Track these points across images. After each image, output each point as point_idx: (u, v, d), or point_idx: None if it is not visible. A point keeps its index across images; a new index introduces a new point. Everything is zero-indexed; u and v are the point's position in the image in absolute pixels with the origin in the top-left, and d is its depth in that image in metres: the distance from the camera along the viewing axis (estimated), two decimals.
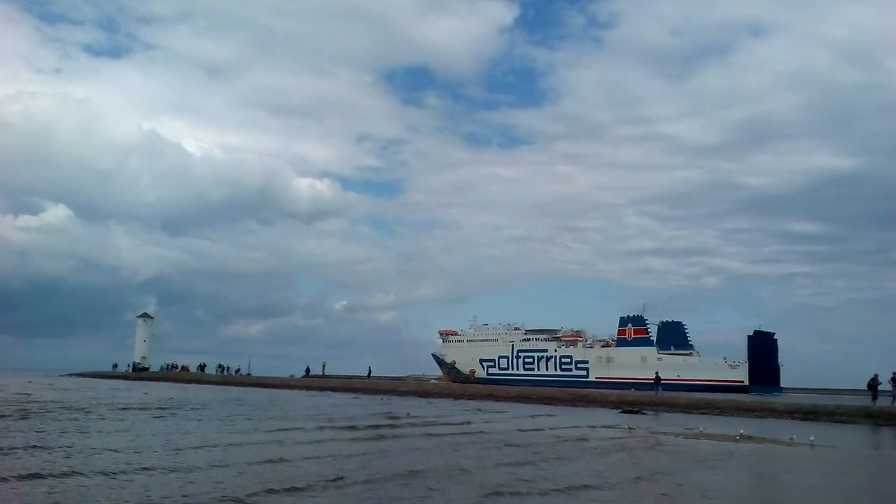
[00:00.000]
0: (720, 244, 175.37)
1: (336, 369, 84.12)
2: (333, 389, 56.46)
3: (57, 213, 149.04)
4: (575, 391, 49.68)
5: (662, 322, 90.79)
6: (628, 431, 23.02)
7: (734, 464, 15.59)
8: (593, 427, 24.09)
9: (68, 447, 14.35)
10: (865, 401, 36.96)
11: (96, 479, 10.75)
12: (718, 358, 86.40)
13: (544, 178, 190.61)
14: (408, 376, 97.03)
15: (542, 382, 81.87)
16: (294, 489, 10.31)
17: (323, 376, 75.17)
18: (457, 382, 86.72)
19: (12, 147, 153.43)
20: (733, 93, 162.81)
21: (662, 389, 48.79)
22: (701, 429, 23.07)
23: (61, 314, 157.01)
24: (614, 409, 38.31)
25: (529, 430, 22.22)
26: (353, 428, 21.15)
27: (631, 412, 35.63)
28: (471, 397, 47.98)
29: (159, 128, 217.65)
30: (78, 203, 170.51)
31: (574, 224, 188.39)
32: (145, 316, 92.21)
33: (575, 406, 41.69)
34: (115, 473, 11.28)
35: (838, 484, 13.39)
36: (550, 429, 23.24)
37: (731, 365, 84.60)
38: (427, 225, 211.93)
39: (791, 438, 20.55)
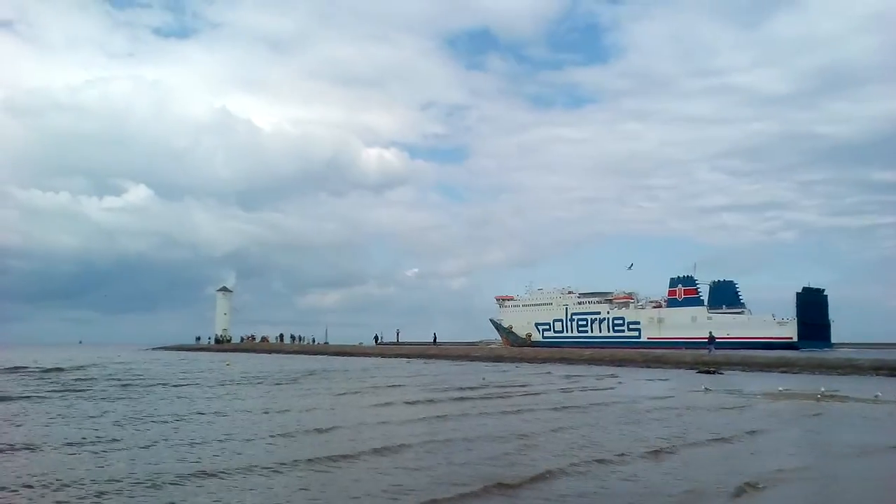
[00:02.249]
0: (797, 197, 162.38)
1: (407, 336, 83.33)
2: (408, 356, 55.36)
3: (138, 193, 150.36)
4: (648, 352, 47.66)
5: (714, 282, 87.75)
6: (704, 392, 21.45)
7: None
8: (716, 392, 22.10)
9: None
10: None
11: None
12: (767, 315, 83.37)
13: (612, 136, 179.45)
14: (480, 342, 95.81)
15: (595, 344, 79.93)
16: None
17: (397, 343, 74.38)
18: (515, 346, 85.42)
19: (93, 131, 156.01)
20: (808, 39, 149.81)
21: (715, 348, 46.54)
22: (780, 388, 21.34)
23: (146, 290, 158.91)
24: (690, 369, 36.40)
25: (664, 396, 20.34)
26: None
27: (708, 372, 33.88)
28: (544, 361, 46.37)
29: (229, 104, 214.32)
30: (157, 182, 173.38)
31: (644, 182, 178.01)
32: (224, 290, 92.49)
33: (650, 367, 39.79)
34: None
35: None
36: (672, 394, 21.39)
37: (779, 322, 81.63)
38: (495, 189, 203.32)
39: (876, 396, 18.77)
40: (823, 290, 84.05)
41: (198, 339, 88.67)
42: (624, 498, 7.31)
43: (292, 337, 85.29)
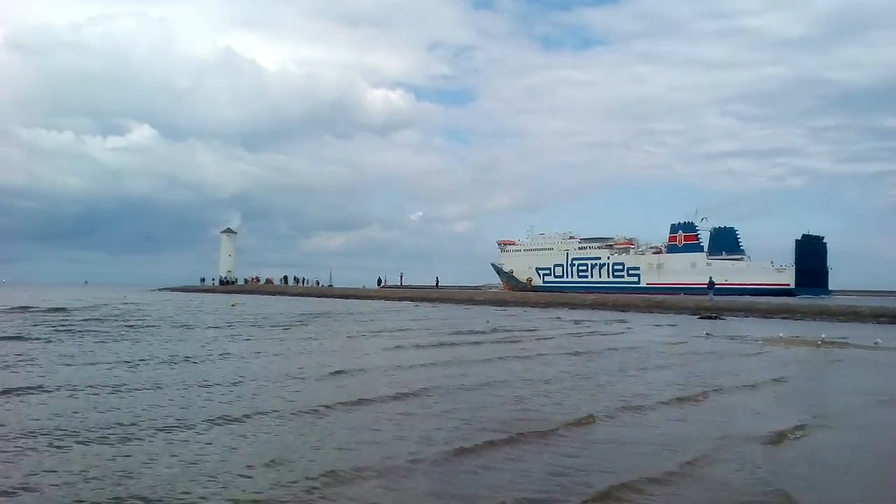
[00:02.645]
0: (807, 143, 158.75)
1: (409, 280, 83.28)
2: (412, 299, 55.27)
3: (142, 133, 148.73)
4: (650, 297, 47.52)
5: (715, 228, 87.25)
6: (706, 337, 21.32)
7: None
8: (717, 337, 21.80)
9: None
10: None
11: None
12: (766, 262, 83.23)
13: (620, 79, 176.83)
14: (483, 286, 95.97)
15: (595, 289, 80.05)
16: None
17: (401, 287, 74.36)
18: (516, 290, 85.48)
19: (96, 69, 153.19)
20: None
21: (714, 294, 46.41)
22: (781, 335, 21.01)
23: (151, 231, 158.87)
24: (692, 314, 36.16)
25: (677, 342, 19.91)
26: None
27: (710, 318, 33.75)
28: (547, 305, 46.26)
29: (233, 44, 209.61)
30: (161, 122, 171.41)
31: (652, 127, 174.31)
32: (229, 231, 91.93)
33: (651, 312, 39.62)
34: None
35: None
36: (684, 339, 21.10)
37: (777, 269, 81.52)
38: (500, 133, 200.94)
39: (876, 343, 18.52)
40: (823, 238, 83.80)
41: (202, 280, 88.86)
42: (657, 445, 6.94)
43: (296, 279, 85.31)
